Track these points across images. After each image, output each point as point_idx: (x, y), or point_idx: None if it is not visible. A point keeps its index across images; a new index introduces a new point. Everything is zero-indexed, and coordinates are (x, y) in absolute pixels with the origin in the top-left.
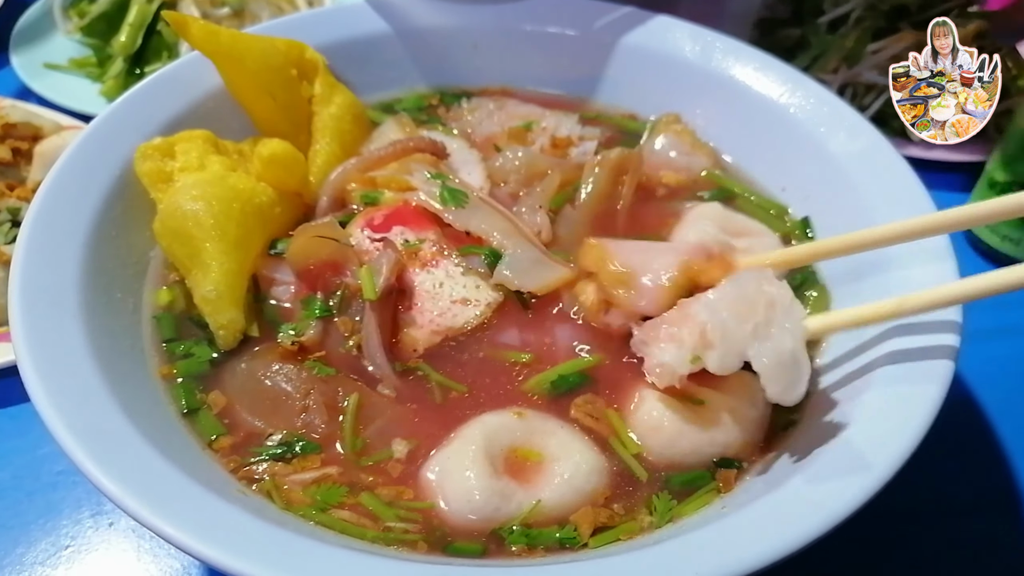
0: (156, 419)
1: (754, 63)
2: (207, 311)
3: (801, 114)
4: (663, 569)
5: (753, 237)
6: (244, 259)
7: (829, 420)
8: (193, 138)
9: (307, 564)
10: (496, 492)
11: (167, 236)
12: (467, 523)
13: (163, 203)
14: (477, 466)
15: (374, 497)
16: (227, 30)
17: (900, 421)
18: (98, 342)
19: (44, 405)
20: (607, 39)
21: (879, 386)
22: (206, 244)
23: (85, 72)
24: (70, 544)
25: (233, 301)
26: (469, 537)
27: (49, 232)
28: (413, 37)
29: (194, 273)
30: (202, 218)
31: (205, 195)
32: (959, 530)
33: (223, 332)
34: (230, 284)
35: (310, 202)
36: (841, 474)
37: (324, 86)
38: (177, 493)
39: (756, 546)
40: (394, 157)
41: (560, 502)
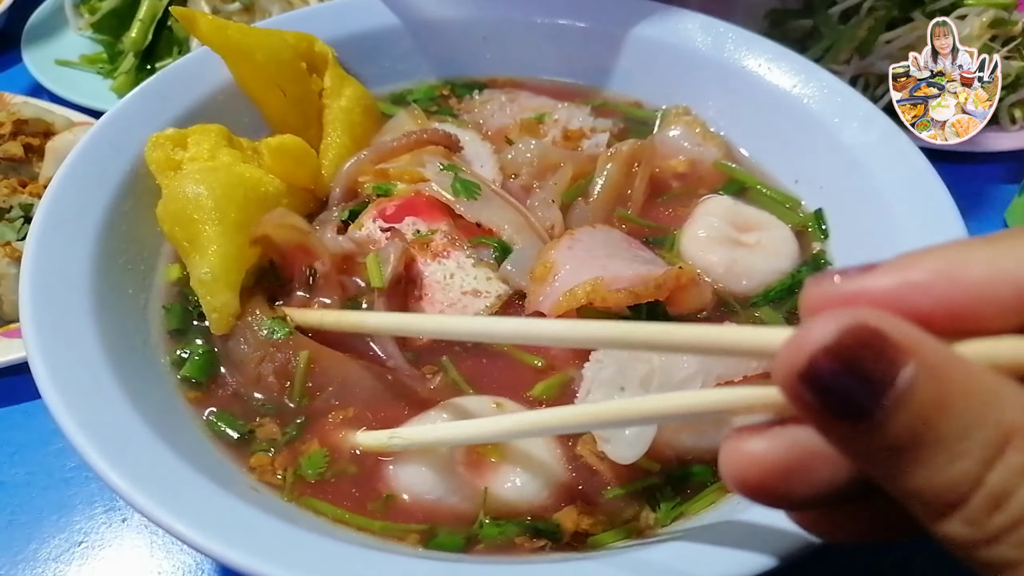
0: (168, 415)
1: (766, 54)
2: (201, 293)
3: (814, 104)
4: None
5: (764, 231)
6: (244, 244)
7: None
8: (207, 131)
9: (318, 561)
10: (445, 478)
11: (168, 220)
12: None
13: (167, 188)
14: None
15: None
16: (236, 24)
17: None
18: (109, 338)
19: (54, 401)
20: (618, 31)
21: None
22: (204, 227)
23: (96, 68)
24: (83, 540)
25: (228, 284)
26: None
27: (60, 228)
28: (423, 29)
29: (192, 256)
30: (203, 201)
31: (208, 180)
32: None
33: (216, 315)
34: (226, 267)
35: (321, 196)
36: None
37: (334, 79)
38: (187, 489)
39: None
40: (406, 149)
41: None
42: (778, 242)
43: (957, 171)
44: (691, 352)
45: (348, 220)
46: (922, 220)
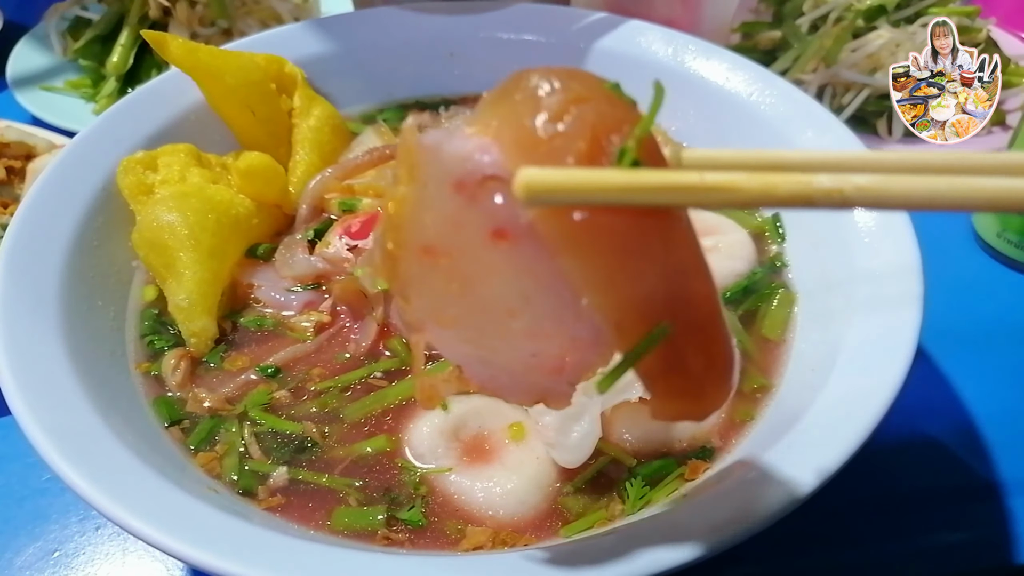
0: (136, 423)
1: (725, 63)
2: (180, 319)
3: (770, 111)
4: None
5: (721, 235)
6: (218, 269)
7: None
8: (176, 151)
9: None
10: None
11: (144, 246)
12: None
13: (141, 215)
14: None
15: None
16: (206, 47)
17: (854, 409)
18: (78, 349)
19: (21, 411)
20: (582, 44)
21: (840, 377)
22: (180, 254)
23: (80, 93)
24: (58, 549)
25: (205, 309)
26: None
27: (31, 242)
28: (391, 49)
29: (169, 282)
30: (177, 228)
31: (181, 206)
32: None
33: (195, 340)
34: (203, 292)
35: (289, 212)
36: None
37: (303, 99)
38: (152, 493)
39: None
40: (371, 165)
41: (481, 510)
42: (735, 246)
43: None
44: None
45: (315, 239)
46: (876, 221)
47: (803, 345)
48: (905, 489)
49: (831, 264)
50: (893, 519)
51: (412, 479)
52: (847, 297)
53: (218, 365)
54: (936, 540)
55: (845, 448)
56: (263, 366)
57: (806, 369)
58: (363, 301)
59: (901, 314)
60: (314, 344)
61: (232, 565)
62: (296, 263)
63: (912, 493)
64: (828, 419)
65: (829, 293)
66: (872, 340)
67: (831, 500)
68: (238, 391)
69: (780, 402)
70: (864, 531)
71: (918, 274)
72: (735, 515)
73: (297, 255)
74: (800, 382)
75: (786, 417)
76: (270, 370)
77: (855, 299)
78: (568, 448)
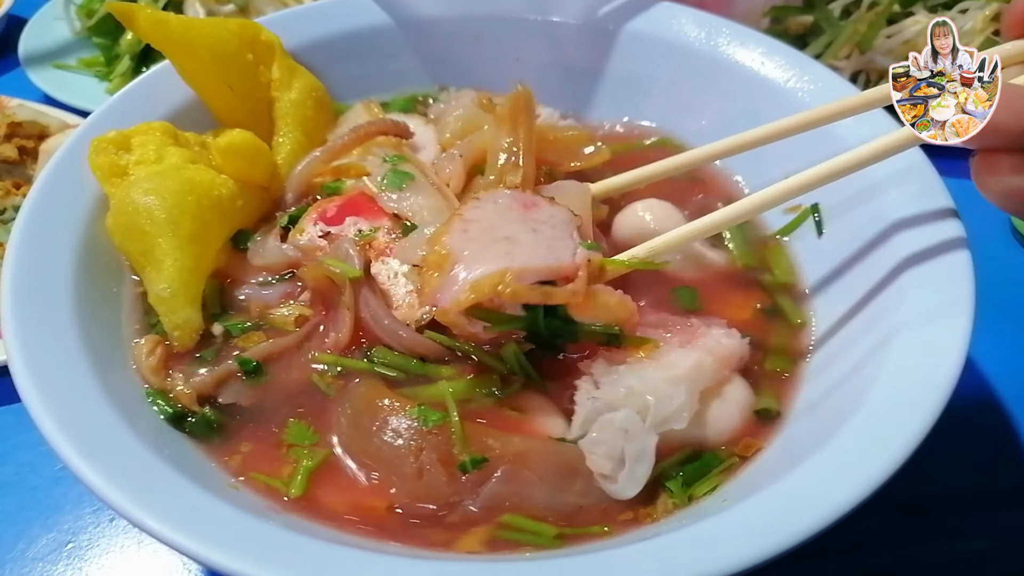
0: (148, 415)
1: (760, 47)
2: (161, 311)
3: (809, 99)
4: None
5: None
6: (201, 255)
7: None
8: (151, 130)
9: (299, 560)
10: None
11: (119, 232)
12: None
13: (115, 198)
14: None
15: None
16: (177, 16)
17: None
18: (91, 337)
19: (33, 401)
20: (611, 27)
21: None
22: (159, 240)
23: (93, 71)
24: (71, 540)
25: (188, 299)
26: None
27: (43, 228)
28: (414, 29)
29: (148, 271)
30: (155, 212)
31: (158, 188)
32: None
33: (178, 333)
34: (185, 281)
35: (277, 196)
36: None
37: (282, 70)
38: (166, 488)
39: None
40: (356, 143)
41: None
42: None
43: (958, 166)
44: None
45: (289, 226)
46: (917, 212)
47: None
48: (945, 491)
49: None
50: (925, 522)
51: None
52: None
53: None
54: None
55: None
56: (244, 359)
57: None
58: (334, 288)
59: (951, 323)
60: (295, 338)
61: (256, 569)
62: (267, 251)
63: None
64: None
65: (875, 297)
66: (919, 348)
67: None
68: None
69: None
70: (899, 534)
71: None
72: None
73: (268, 243)
74: (824, 409)
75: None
76: (252, 364)
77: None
78: (628, 483)
